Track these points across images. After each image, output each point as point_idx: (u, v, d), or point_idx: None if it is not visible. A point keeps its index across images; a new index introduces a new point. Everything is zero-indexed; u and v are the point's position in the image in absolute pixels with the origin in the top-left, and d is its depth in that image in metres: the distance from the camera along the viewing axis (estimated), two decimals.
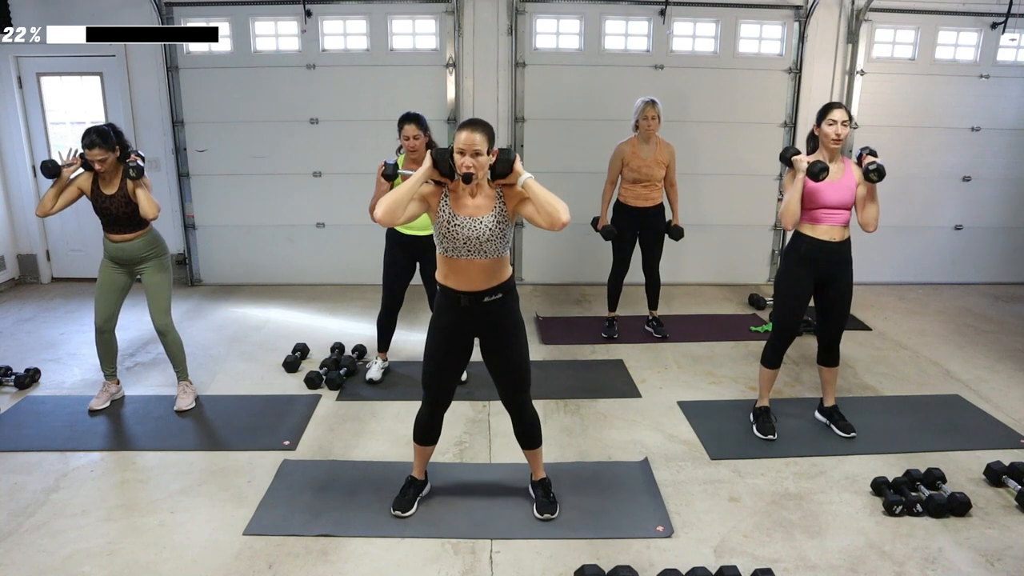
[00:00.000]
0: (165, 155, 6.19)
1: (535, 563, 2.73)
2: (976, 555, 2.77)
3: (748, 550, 2.81)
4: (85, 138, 3.54)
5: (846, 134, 3.36)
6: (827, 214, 3.43)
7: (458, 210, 2.67)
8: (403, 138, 3.93)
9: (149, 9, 5.80)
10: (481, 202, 2.69)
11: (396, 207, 2.59)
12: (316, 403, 4.05)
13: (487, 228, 2.65)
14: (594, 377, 4.48)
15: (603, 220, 4.90)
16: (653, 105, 4.62)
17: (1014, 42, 6.15)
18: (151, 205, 3.63)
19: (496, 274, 2.73)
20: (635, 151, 4.71)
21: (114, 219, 3.70)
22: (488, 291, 2.72)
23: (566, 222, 2.58)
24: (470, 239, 2.65)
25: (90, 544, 2.81)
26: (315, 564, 2.71)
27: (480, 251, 2.66)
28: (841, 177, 3.42)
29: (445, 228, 2.67)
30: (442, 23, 6.01)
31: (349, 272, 6.32)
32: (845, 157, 3.50)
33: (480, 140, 2.57)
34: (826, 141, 3.40)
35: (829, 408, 3.78)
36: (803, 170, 3.34)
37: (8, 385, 4.25)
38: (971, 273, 6.67)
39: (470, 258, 2.68)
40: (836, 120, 3.36)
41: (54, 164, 3.60)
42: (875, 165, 3.32)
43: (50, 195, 3.64)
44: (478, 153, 2.57)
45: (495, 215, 2.67)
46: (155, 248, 3.85)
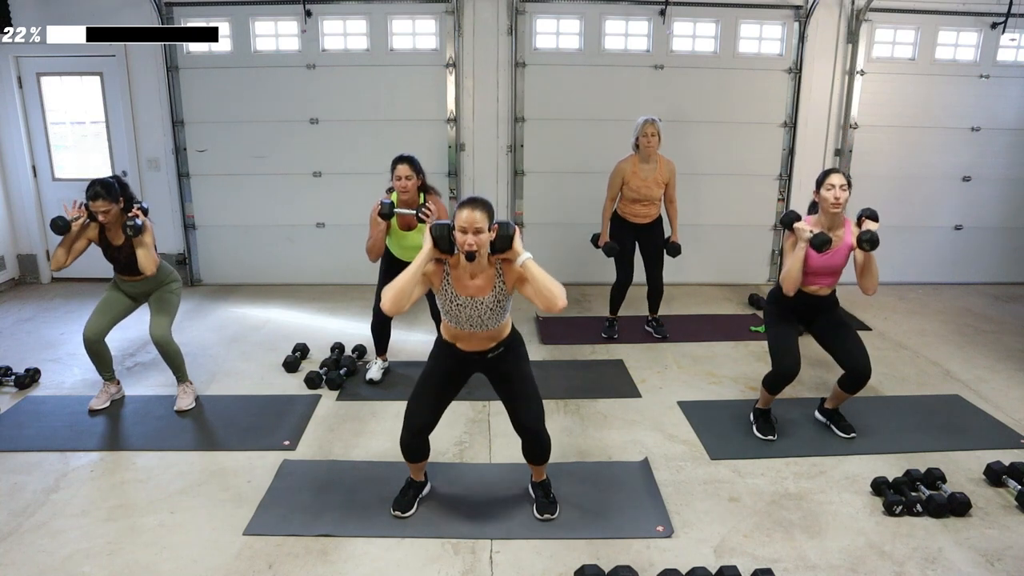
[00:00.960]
0: (165, 155, 6.19)
1: (535, 563, 2.73)
2: (976, 555, 2.77)
3: (748, 550, 2.81)
4: (89, 190, 3.59)
5: (845, 198, 3.34)
6: (819, 278, 3.47)
7: (460, 291, 2.75)
8: (395, 178, 3.92)
9: (149, 9, 5.80)
10: (481, 283, 2.74)
11: (402, 297, 2.65)
12: (316, 403, 4.05)
13: (488, 308, 2.75)
14: (594, 377, 4.48)
15: (604, 237, 4.91)
16: (653, 123, 4.60)
17: (1014, 42, 6.15)
18: (149, 262, 3.69)
19: (497, 336, 2.86)
20: (635, 170, 4.70)
21: (123, 266, 3.79)
22: (490, 349, 2.87)
23: (563, 307, 2.65)
24: (472, 317, 2.76)
25: (90, 544, 2.81)
26: (315, 564, 2.71)
27: (482, 325, 2.78)
28: (839, 244, 3.43)
29: (448, 306, 2.78)
30: (442, 23, 6.01)
31: (349, 272, 6.32)
32: (846, 218, 3.48)
33: (481, 218, 2.60)
34: (825, 206, 3.39)
35: (829, 408, 3.78)
36: (805, 240, 3.34)
37: (8, 385, 4.25)
38: (971, 273, 6.67)
39: (472, 331, 2.79)
40: (835, 185, 3.34)
41: (64, 221, 3.62)
42: (868, 235, 3.28)
43: (62, 251, 3.70)
44: (479, 231, 2.60)
45: (495, 294, 2.75)
46: (166, 281, 3.94)
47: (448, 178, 6.25)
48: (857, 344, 3.51)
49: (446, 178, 6.23)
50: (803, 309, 3.58)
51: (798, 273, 3.39)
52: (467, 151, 6.23)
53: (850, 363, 3.51)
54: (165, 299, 3.91)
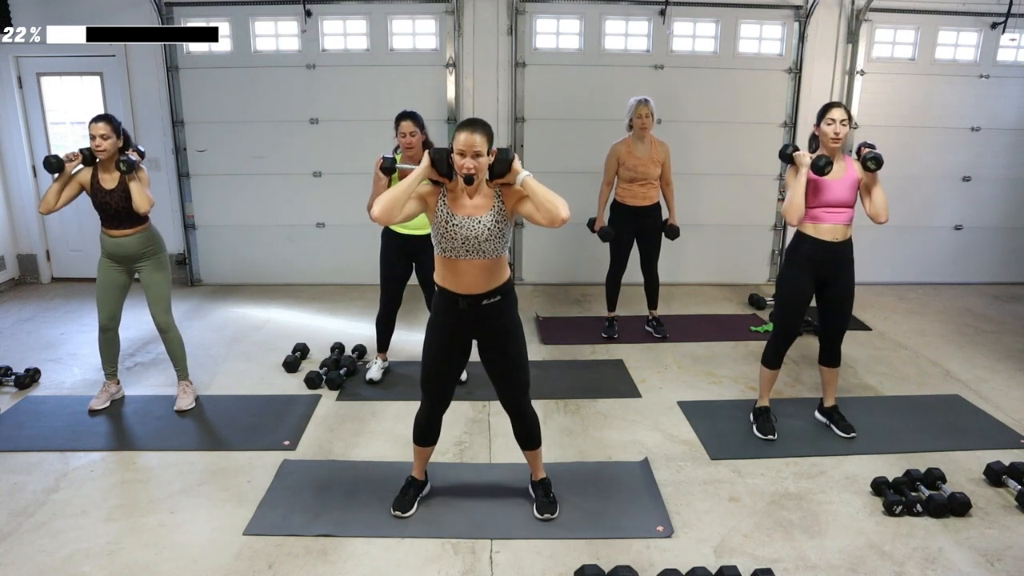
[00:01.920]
0: (165, 155, 6.19)
1: (535, 563, 2.73)
2: (976, 555, 2.77)
3: (748, 550, 2.81)
4: (93, 118, 3.61)
5: (845, 133, 3.36)
6: (830, 212, 3.42)
7: (456, 210, 2.66)
8: (399, 135, 3.93)
9: (149, 9, 5.81)
10: (479, 202, 2.68)
11: (393, 205, 2.57)
12: (316, 403, 4.05)
13: (486, 227, 2.64)
14: (594, 377, 4.48)
15: (599, 222, 4.91)
16: (646, 104, 4.63)
17: (1014, 42, 6.15)
18: (143, 198, 3.64)
19: (495, 276, 2.72)
20: (630, 150, 4.72)
21: (113, 213, 3.70)
22: (487, 294, 2.71)
23: (566, 218, 2.55)
24: (468, 239, 2.63)
25: (90, 544, 2.81)
26: (315, 564, 2.71)
27: (479, 251, 2.65)
28: (843, 174, 3.42)
29: (443, 228, 2.66)
30: (442, 23, 6.01)
31: (349, 272, 6.32)
32: (846, 155, 3.50)
33: (480, 141, 2.55)
34: (825, 140, 3.40)
35: (829, 408, 3.78)
36: (805, 164, 3.33)
37: (8, 385, 4.25)
38: (971, 273, 6.67)
39: (469, 259, 2.66)
40: (835, 119, 3.36)
41: (57, 159, 3.60)
42: (872, 154, 3.32)
43: (53, 190, 3.64)
44: (478, 154, 2.55)
45: (493, 214, 2.66)
46: (153, 245, 3.85)
47: None
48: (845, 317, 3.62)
49: None
50: (820, 258, 3.47)
51: (800, 200, 3.35)
52: None
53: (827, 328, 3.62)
54: (155, 279, 3.84)
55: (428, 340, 2.86)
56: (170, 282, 3.95)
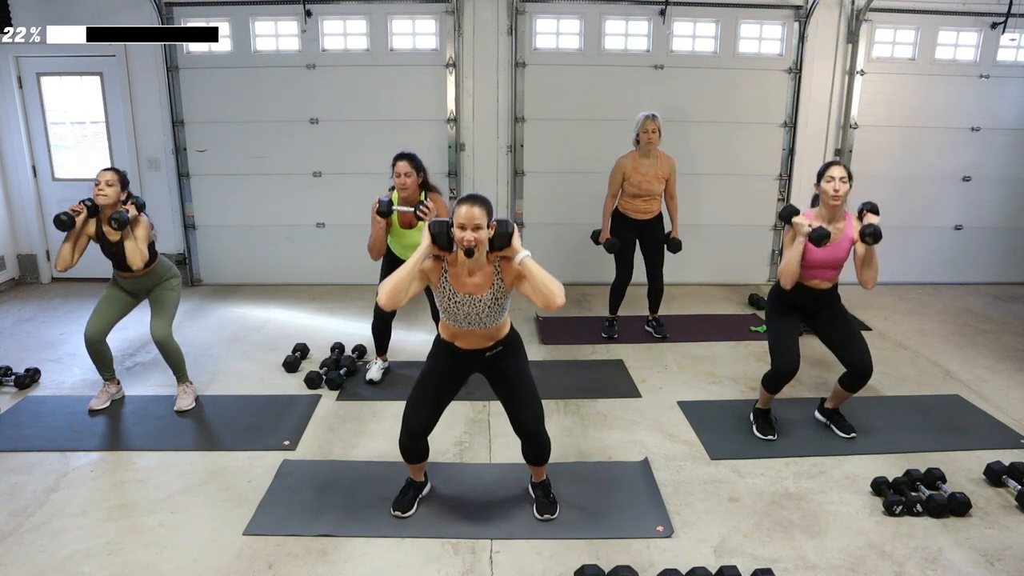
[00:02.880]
0: (165, 155, 6.19)
1: (535, 563, 2.73)
2: (976, 555, 2.77)
3: (748, 550, 2.81)
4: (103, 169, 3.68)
5: (845, 191, 3.34)
6: (820, 271, 3.45)
7: (458, 288, 2.73)
8: (395, 175, 3.90)
9: (149, 9, 5.81)
10: (479, 280, 2.73)
11: (398, 291, 2.64)
12: (316, 403, 4.05)
13: (486, 306, 2.73)
14: (594, 377, 4.48)
15: (604, 234, 4.91)
16: (654, 119, 4.62)
17: (1014, 42, 6.15)
18: (136, 256, 3.66)
19: (496, 335, 2.84)
20: (636, 166, 4.71)
21: (120, 262, 3.77)
22: (489, 348, 2.85)
23: (560, 305, 2.64)
24: (470, 315, 2.74)
25: (90, 544, 2.81)
26: (315, 564, 2.71)
27: (480, 323, 2.76)
28: (840, 237, 3.42)
29: (446, 304, 2.76)
30: (442, 23, 6.01)
31: (349, 272, 6.32)
32: (847, 212, 3.48)
33: (480, 215, 2.59)
34: (825, 198, 3.40)
35: (829, 408, 3.78)
36: (804, 234, 3.34)
37: (8, 385, 4.25)
38: (971, 273, 6.67)
39: (470, 328, 2.78)
40: (835, 177, 3.34)
41: (68, 216, 3.62)
42: (871, 228, 3.30)
43: (67, 249, 3.69)
44: (478, 227, 2.59)
45: (493, 292, 2.73)
46: (164, 275, 3.93)
47: (448, 178, 6.24)
48: (859, 341, 3.50)
49: (446, 178, 6.23)
50: (804, 304, 3.56)
51: (796, 267, 3.39)
52: (467, 151, 6.23)
53: (851, 360, 3.50)
54: (164, 297, 3.91)
55: (427, 369, 2.93)
56: (177, 305, 3.98)
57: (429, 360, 2.95)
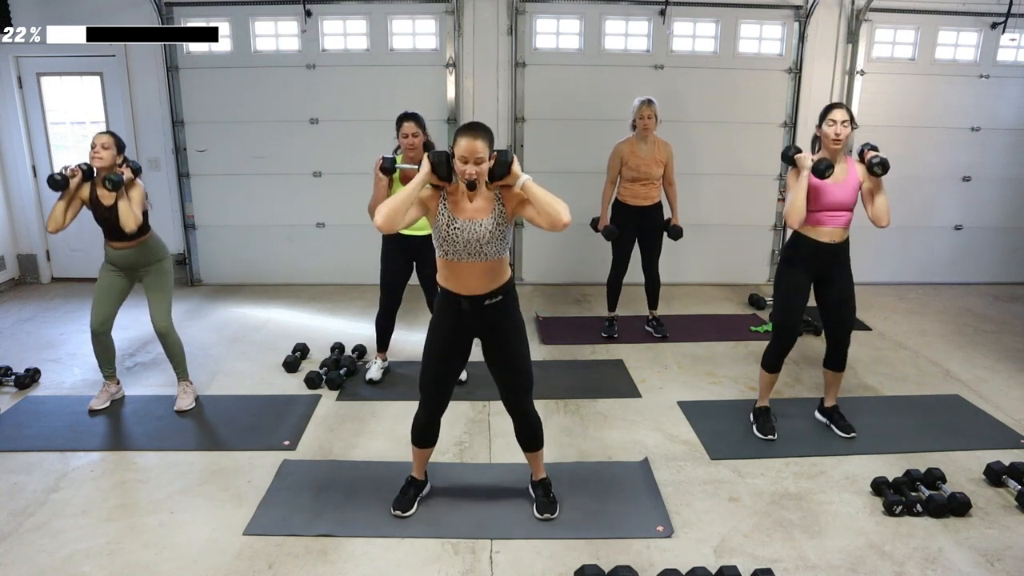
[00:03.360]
0: (165, 155, 6.19)
1: (535, 563, 2.73)
2: (976, 555, 2.77)
3: (748, 550, 2.81)
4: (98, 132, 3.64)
5: (846, 134, 3.34)
6: (830, 216, 3.41)
7: (457, 214, 2.67)
8: (401, 135, 3.94)
9: (149, 9, 5.81)
10: (480, 205, 2.68)
11: (395, 213, 2.57)
12: (316, 403, 4.05)
13: (487, 231, 2.64)
14: (594, 377, 4.48)
15: (603, 220, 4.91)
16: (650, 104, 4.64)
17: (1014, 42, 6.15)
18: (128, 216, 3.63)
19: (496, 276, 2.73)
20: (633, 150, 4.72)
21: (113, 227, 3.71)
22: (489, 294, 2.72)
23: (567, 222, 2.56)
24: (470, 242, 2.64)
25: (90, 544, 2.81)
26: (315, 564, 2.71)
27: (480, 254, 2.66)
28: (845, 177, 3.40)
29: (444, 232, 2.66)
30: (442, 23, 6.01)
31: (349, 272, 6.32)
32: (848, 156, 3.49)
33: (482, 147, 2.55)
34: (826, 141, 3.39)
35: (829, 408, 3.78)
36: (807, 167, 3.31)
37: (8, 385, 4.25)
38: (971, 273, 6.67)
39: (471, 261, 2.67)
40: (836, 120, 3.34)
41: (62, 176, 3.59)
42: (878, 159, 3.31)
43: (59, 208, 3.65)
44: (480, 160, 2.55)
45: (494, 217, 2.66)
46: (156, 253, 3.87)
47: None
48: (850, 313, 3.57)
49: None
50: (817, 260, 3.47)
51: (802, 203, 3.33)
52: None
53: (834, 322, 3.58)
54: (158, 282, 3.86)
55: (430, 341, 2.85)
56: (172, 287, 3.95)
57: (430, 332, 2.86)
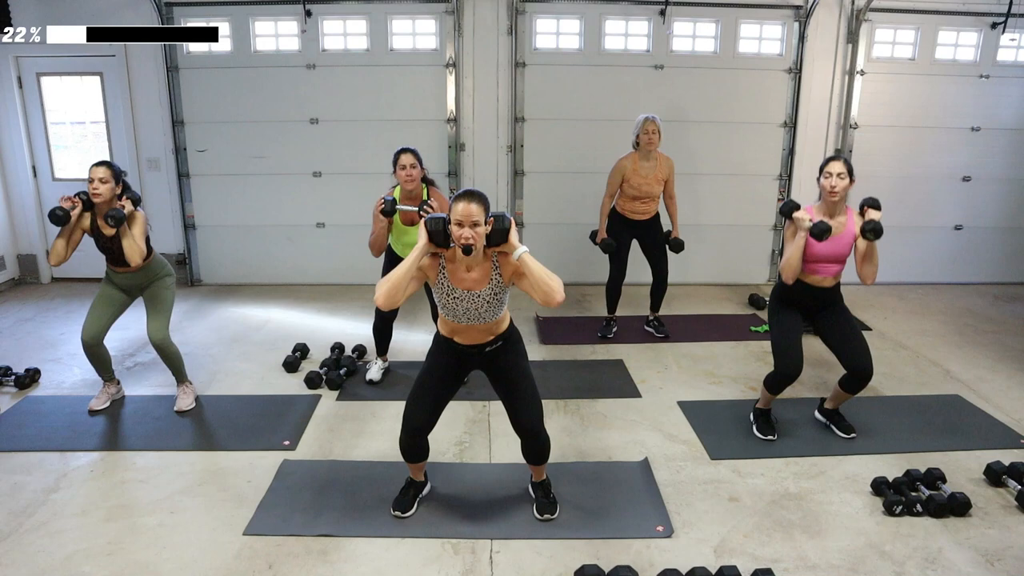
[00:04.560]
0: (165, 155, 6.20)
1: (535, 563, 2.73)
2: (976, 555, 2.77)
3: (748, 550, 2.81)
4: (94, 163, 3.63)
5: (843, 187, 3.33)
6: (822, 267, 3.45)
7: (456, 284, 2.72)
8: (399, 168, 3.93)
9: (149, 9, 5.81)
10: (477, 276, 2.72)
11: (396, 291, 2.62)
12: (316, 403, 4.05)
13: (484, 301, 2.72)
14: (594, 377, 4.48)
15: (601, 234, 4.92)
16: (653, 121, 4.63)
17: (1014, 42, 6.15)
18: (134, 252, 3.65)
19: (495, 329, 2.83)
20: (635, 168, 4.72)
21: (116, 257, 3.75)
22: (489, 343, 2.83)
23: (560, 301, 2.62)
24: (469, 310, 2.73)
25: (90, 544, 2.81)
26: (315, 564, 2.71)
27: (479, 318, 2.75)
28: (842, 231, 3.42)
29: (445, 300, 2.75)
30: (442, 23, 6.01)
31: (349, 272, 6.33)
32: (848, 207, 3.47)
33: (477, 211, 2.57)
34: (824, 194, 3.40)
35: (829, 408, 3.78)
36: (805, 228, 3.33)
37: (8, 385, 4.25)
38: (971, 273, 6.67)
39: (469, 323, 2.77)
40: (832, 173, 3.34)
41: (63, 211, 3.58)
42: (872, 224, 3.29)
43: (61, 243, 3.66)
44: (476, 224, 2.57)
45: (492, 287, 2.72)
46: (159, 272, 3.90)
47: (448, 178, 6.25)
48: (861, 343, 3.49)
49: (446, 178, 6.23)
50: (807, 302, 3.54)
51: (798, 262, 3.38)
52: (467, 151, 6.24)
53: (852, 362, 3.49)
54: (159, 296, 3.87)
55: (426, 369, 2.91)
56: (172, 304, 3.95)
57: (429, 358, 2.94)
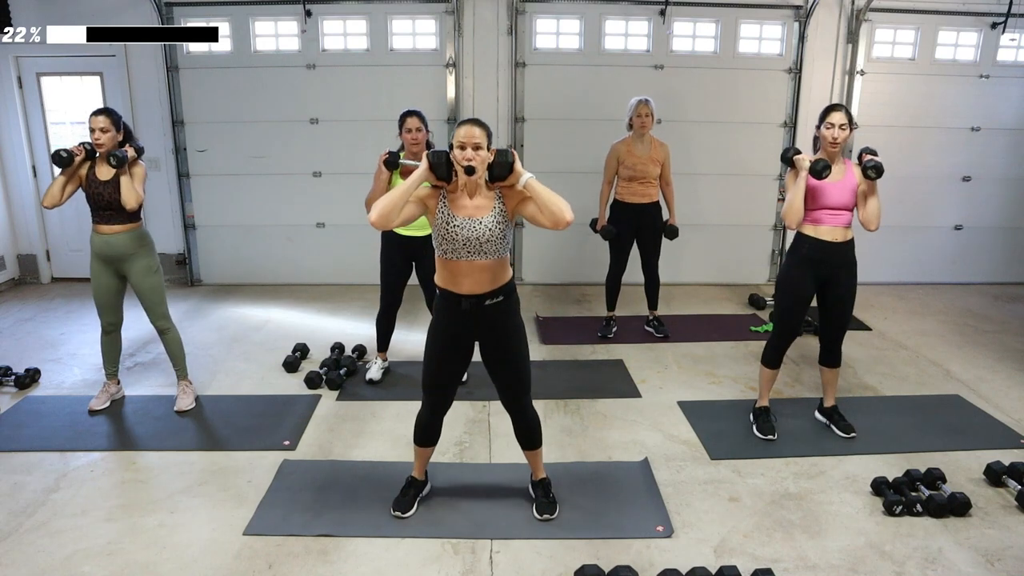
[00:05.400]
0: (165, 155, 6.19)
1: (535, 563, 2.73)
2: (976, 555, 2.77)
3: (748, 550, 2.81)
4: (93, 111, 3.60)
5: (844, 137, 3.35)
6: (829, 214, 3.42)
7: (456, 211, 2.65)
8: (405, 131, 3.96)
9: (149, 9, 5.81)
10: (480, 202, 2.67)
11: (391, 210, 2.54)
12: (316, 403, 4.05)
13: (487, 228, 2.62)
14: (594, 377, 4.48)
15: (601, 220, 4.92)
16: (646, 103, 4.66)
17: (1014, 42, 6.15)
18: (130, 193, 3.58)
19: (497, 276, 2.70)
20: (630, 149, 4.74)
21: (104, 206, 3.65)
22: (489, 294, 2.69)
23: (570, 220, 2.53)
24: (470, 240, 2.62)
25: (90, 544, 2.81)
26: (315, 564, 2.71)
27: (480, 252, 2.64)
28: (843, 177, 3.42)
29: (444, 230, 2.64)
30: (442, 23, 6.01)
31: (349, 272, 6.33)
32: (846, 159, 3.50)
33: (480, 134, 2.57)
34: (824, 143, 3.42)
35: (829, 408, 3.78)
36: (805, 168, 3.34)
37: (8, 385, 4.25)
38: (971, 273, 6.67)
39: (470, 259, 2.64)
40: (834, 123, 3.37)
41: (68, 153, 3.54)
42: (873, 163, 3.32)
43: (59, 183, 3.60)
44: (478, 146, 2.56)
45: (494, 215, 2.65)
46: (142, 246, 3.78)
47: None
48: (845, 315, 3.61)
49: None
50: (819, 260, 3.48)
51: (800, 204, 3.38)
52: None
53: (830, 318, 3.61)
54: (148, 284, 3.81)
55: (430, 342, 2.85)
56: (163, 284, 3.90)
57: (429, 335, 2.84)
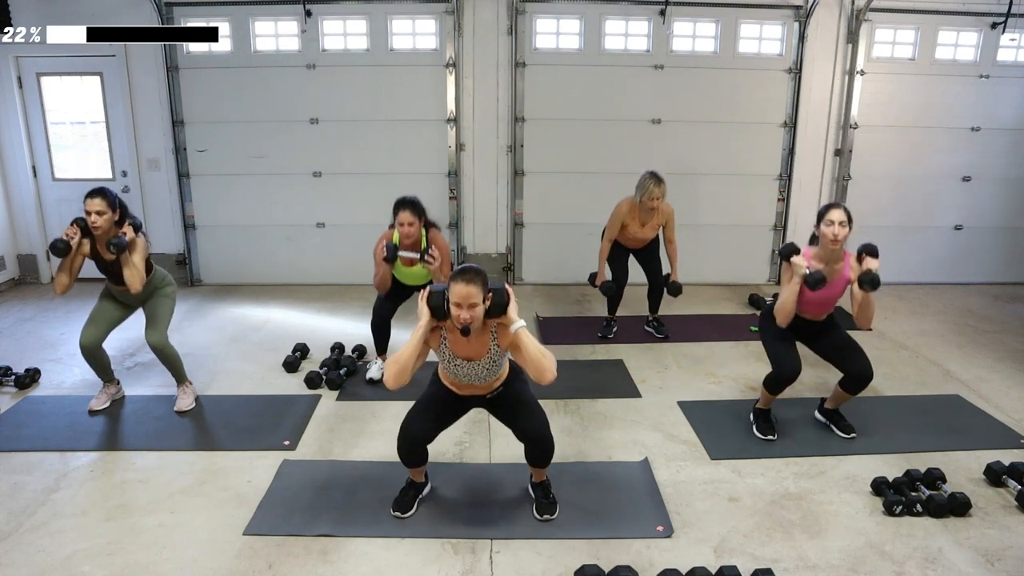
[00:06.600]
0: (165, 155, 6.19)
1: (535, 563, 2.73)
2: (976, 555, 2.77)
3: (748, 550, 2.81)
4: (88, 192, 3.60)
5: (844, 234, 3.33)
6: (814, 307, 3.50)
7: (456, 352, 2.79)
8: (398, 224, 3.94)
9: (149, 9, 5.81)
10: (476, 347, 2.78)
11: (404, 372, 2.70)
12: (316, 403, 4.05)
13: (484, 368, 2.80)
14: (594, 377, 4.48)
15: (600, 276, 4.93)
16: (659, 184, 4.56)
17: (1014, 42, 6.15)
18: (135, 279, 3.65)
19: (496, 381, 2.91)
20: (635, 216, 4.73)
21: (118, 279, 3.75)
22: (489, 392, 2.93)
23: (551, 380, 2.69)
24: (470, 375, 2.82)
25: (90, 544, 2.81)
26: (315, 564, 2.71)
27: (480, 380, 2.84)
28: (835, 278, 3.43)
29: (447, 364, 2.83)
30: (442, 23, 6.01)
31: (349, 272, 6.32)
32: (846, 251, 3.46)
33: (476, 293, 2.60)
34: (824, 242, 3.40)
35: (829, 408, 3.78)
36: (800, 274, 3.35)
37: (8, 385, 4.25)
38: (971, 273, 6.67)
39: (471, 383, 2.86)
40: (834, 221, 3.34)
41: (63, 242, 3.57)
42: (869, 276, 3.28)
43: (63, 274, 3.68)
44: (474, 305, 2.61)
45: (490, 357, 2.78)
46: (159, 286, 3.91)
47: (448, 178, 6.25)
48: (857, 349, 3.53)
49: (446, 178, 6.24)
50: (801, 331, 3.61)
51: (792, 307, 3.41)
52: (467, 151, 6.23)
53: (852, 368, 3.53)
54: (159, 304, 3.88)
55: (428, 393, 2.98)
56: (172, 310, 3.96)
57: (431, 387, 3.01)
